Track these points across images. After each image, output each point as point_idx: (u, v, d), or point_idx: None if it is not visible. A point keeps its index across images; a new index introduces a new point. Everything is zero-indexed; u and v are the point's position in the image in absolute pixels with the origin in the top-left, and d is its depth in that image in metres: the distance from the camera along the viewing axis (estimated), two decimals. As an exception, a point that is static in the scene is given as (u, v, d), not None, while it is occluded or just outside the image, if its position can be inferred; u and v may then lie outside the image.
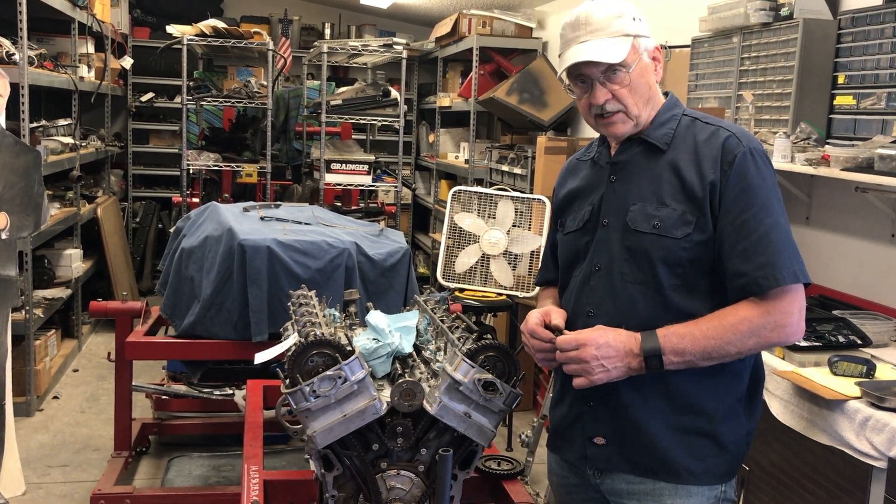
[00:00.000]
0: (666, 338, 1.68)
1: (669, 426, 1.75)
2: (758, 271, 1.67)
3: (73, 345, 5.73)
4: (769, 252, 1.67)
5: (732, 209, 1.70)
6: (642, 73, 1.77)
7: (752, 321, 1.67)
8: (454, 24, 6.50)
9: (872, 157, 2.75)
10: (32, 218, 3.43)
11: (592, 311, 1.81)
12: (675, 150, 1.79)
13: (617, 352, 1.68)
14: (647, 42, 1.77)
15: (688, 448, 1.75)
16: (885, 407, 2.32)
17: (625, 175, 1.83)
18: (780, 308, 1.67)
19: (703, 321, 1.69)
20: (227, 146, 6.11)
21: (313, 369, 1.80)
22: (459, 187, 4.76)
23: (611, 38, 1.73)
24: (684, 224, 1.72)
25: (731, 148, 1.72)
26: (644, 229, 1.75)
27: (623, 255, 1.78)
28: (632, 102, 1.78)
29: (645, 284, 1.76)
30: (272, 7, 8.02)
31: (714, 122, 1.81)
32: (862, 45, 2.99)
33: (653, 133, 1.81)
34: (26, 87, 4.43)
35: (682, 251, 1.72)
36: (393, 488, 1.87)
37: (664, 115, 1.83)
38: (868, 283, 3.18)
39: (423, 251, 7.72)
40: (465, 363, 1.80)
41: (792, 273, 1.67)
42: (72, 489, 3.80)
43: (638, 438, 1.76)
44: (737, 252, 1.69)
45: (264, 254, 3.27)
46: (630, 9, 1.77)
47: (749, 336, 1.67)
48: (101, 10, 6.20)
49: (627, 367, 1.69)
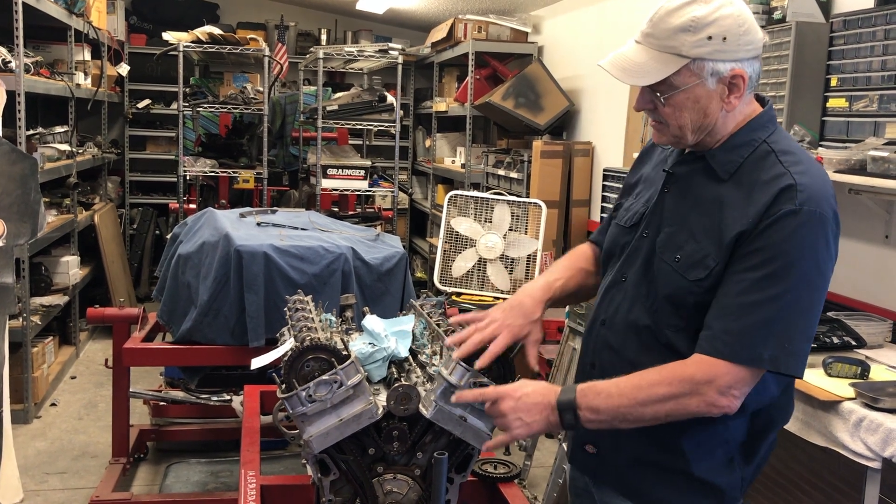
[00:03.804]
0: (583, 392, 1.56)
1: (645, 459, 1.66)
2: (719, 334, 1.50)
3: (71, 352, 5.72)
4: (745, 322, 1.48)
5: (741, 263, 1.51)
6: (698, 98, 1.55)
7: (673, 385, 1.50)
8: (450, 29, 6.52)
9: (865, 159, 2.77)
10: (29, 225, 3.44)
11: (605, 321, 1.73)
12: (733, 184, 1.57)
13: (535, 404, 1.59)
14: (719, 66, 1.53)
15: (666, 482, 1.65)
16: (880, 408, 2.33)
17: (677, 190, 1.66)
18: (711, 377, 1.48)
19: (628, 378, 1.55)
20: (224, 152, 6.12)
21: (309, 374, 1.80)
22: (456, 192, 4.77)
23: (661, 51, 1.54)
24: (702, 267, 1.55)
25: (783, 201, 1.48)
26: (665, 259, 1.61)
27: (642, 275, 1.66)
28: (674, 123, 1.59)
29: (651, 313, 1.63)
30: (268, 13, 8.04)
31: (790, 161, 1.54)
32: (854, 47, 3.01)
33: (718, 157, 1.60)
34: (23, 94, 4.43)
35: (690, 295, 1.57)
36: (389, 492, 1.87)
37: (740, 138, 1.59)
38: (862, 284, 3.19)
39: (420, 256, 7.73)
40: (461, 367, 1.81)
41: (753, 355, 1.47)
42: (70, 496, 3.80)
43: (619, 459, 1.71)
44: (719, 306, 1.52)
45: (261, 259, 3.28)
46: (714, 26, 1.51)
47: (665, 399, 1.51)
48: (97, 18, 6.21)
49: (546, 420, 1.58)
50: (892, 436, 2.24)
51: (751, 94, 1.61)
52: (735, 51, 1.53)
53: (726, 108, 1.57)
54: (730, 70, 1.54)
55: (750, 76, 1.56)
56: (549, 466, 3.84)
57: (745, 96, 1.58)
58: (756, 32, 1.55)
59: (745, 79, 1.55)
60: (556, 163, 5.16)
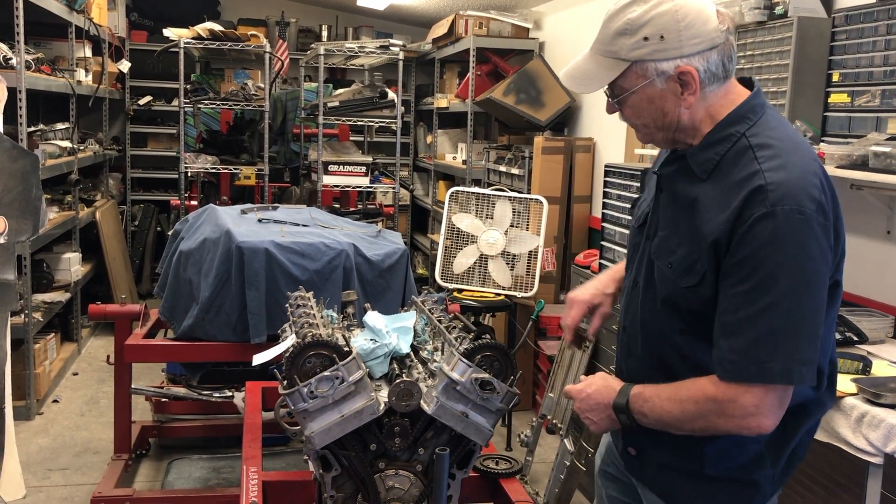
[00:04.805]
0: (634, 398, 1.60)
1: (672, 464, 1.69)
2: (727, 354, 1.47)
3: (73, 348, 5.73)
4: (748, 338, 1.44)
5: (730, 276, 1.47)
6: (651, 99, 1.53)
7: (700, 404, 1.50)
8: (451, 25, 6.51)
9: (867, 155, 2.76)
10: (31, 222, 3.44)
11: (626, 327, 1.76)
12: (711, 184, 1.53)
13: (598, 404, 1.66)
14: (662, 65, 1.50)
15: (698, 490, 1.67)
16: (882, 403, 2.33)
17: (668, 191, 1.65)
18: (732, 397, 1.47)
19: (666, 387, 1.56)
20: (225, 149, 6.11)
21: (311, 370, 1.81)
22: (457, 188, 4.77)
23: (605, 57, 1.54)
24: (694, 274, 1.52)
25: (753, 205, 1.43)
26: (660, 264, 1.61)
27: (647, 280, 1.67)
28: (637, 123, 1.60)
29: (656, 318, 1.65)
30: (269, 10, 8.03)
31: (766, 156, 1.48)
32: (856, 42, 3.00)
33: (696, 156, 1.57)
34: (24, 91, 4.43)
35: (685, 301, 1.56)
36: (391, 488, 1.88)
37: (718, 133, 1.55)
38: (864, 279, 3.19)
39: (421, 252, 7.73)
40: (462, 363, 1.81)
41: (762, 371, 1.43)
42: (72, 492, 3.81)
43: (654, 462, 1.73)
44: (721, 323, 1.49)
45: (262, 256, 3.28)
46: (648, 26, 1.49)
47: (696, 418, 1.52)
48: (97, 14, 6.21)
49: (609, 418, 1.65)
50: (894, 431, 2.24)
51: (721, 86, 1.54)
52: (677, 48, 1.49)
53: (683, 105, 1.53)
54: (675, 68, 1.50)
55: (704, 69, 1.50)
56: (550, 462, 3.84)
57: (710, 89, 1.53)
58: (704, 24, 1.48)
59: (695, 74, 1.50)
60: (557, 159, 5.15)
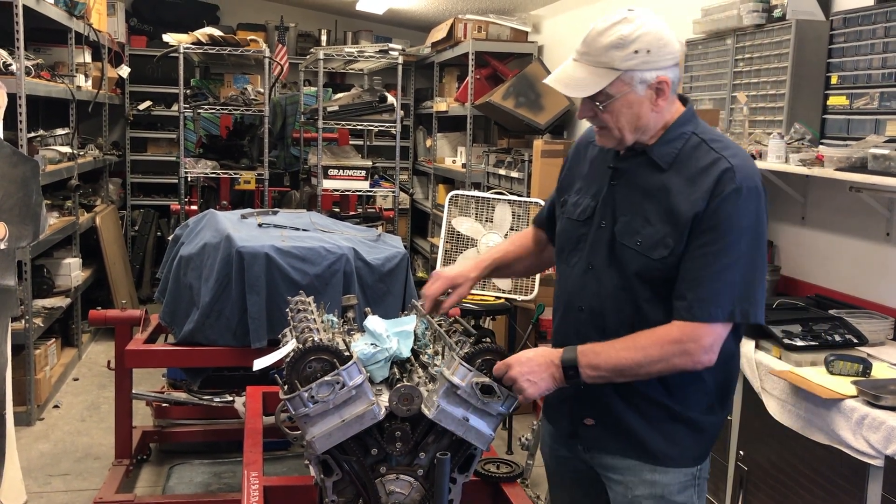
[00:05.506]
0: (583, 352, 1.80)
1: (644, 416, 1.89)
2: (694, 302, 1.76)
3: (73, 353, 5.73)
4: (714, 289, 1.75)
5: (700, 239, 1.77)
6: (630, 104, 1.80)
7: (664, 347, 1.77)
8: (450, 29, 6.52)
9: (866, 157, 2.77)
10: (31, 227, 3.44)
11: (584, 307, 1.93)
12: (674, 172, 1.83)
13: (539, 365, 1.81)
14: (646, 75, 1.78)
15: (664, 435, 1.89)
16: (882, 405, 2.34)
17: (624, 183, 1.90)
18: (695, 338, 1.75)
19: (621, 340, 1.80)
20: (225, 153, 6.12)
21: (311, 375, 1.81)
22: (457, 191, 4.78)
23: (596, 66, 1.78)
24: (663, 247, 1.80)
25: (724, 182, 1.75)
26: (627, 243, 1.85)
27: (609, 261, 1.89)
28: (614, 126, 1.83)
29: (625, 290, 1.86)
30: (268, 14, 8.04)
31: (720, 147, 1.82)
32: (854, 45, 3.01)
33: (657, 150, 1.85)
34: (24, 96, 4.44)
35: (657, 270, 1.81)
36: (392, 493, 1.88)
37: (673, 133, 1.85)
38: (864, 281, 3.19)
39: (421, 255, 7.73)
40: (463, 367, 1.81)
41: (728, 313, 1.75)
42: (73, 498, 3.81)
43: (619, 424, 1.91)
44: (688, 278, 1.78)
45: (262, 260, 3.28)
46: (638, 42, 1.76)
47: (658, 361, 1.77)
48: (97, 20, 6.21)
49: (551, 377, 1.81)
50: (894, 433, 2.25)
51: (674, 96, 1.86)
52: (658, 61, 1.78)
53: (655, 109, 1.82)
54: (656, 77, 1.79)
55: (672, 80, 1.81)
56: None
57: (670, 98, 1.83)
58: (673, 44, 1.81)
59: (669, 83, 1.80)
60: (556, 162, 5.15)
